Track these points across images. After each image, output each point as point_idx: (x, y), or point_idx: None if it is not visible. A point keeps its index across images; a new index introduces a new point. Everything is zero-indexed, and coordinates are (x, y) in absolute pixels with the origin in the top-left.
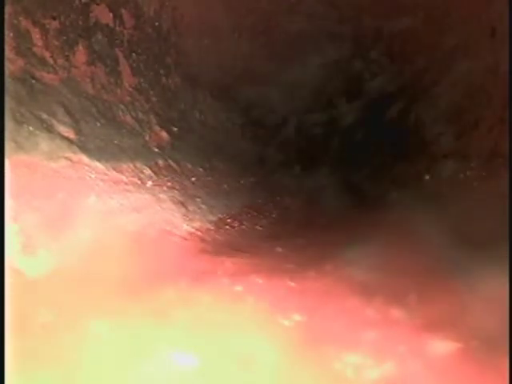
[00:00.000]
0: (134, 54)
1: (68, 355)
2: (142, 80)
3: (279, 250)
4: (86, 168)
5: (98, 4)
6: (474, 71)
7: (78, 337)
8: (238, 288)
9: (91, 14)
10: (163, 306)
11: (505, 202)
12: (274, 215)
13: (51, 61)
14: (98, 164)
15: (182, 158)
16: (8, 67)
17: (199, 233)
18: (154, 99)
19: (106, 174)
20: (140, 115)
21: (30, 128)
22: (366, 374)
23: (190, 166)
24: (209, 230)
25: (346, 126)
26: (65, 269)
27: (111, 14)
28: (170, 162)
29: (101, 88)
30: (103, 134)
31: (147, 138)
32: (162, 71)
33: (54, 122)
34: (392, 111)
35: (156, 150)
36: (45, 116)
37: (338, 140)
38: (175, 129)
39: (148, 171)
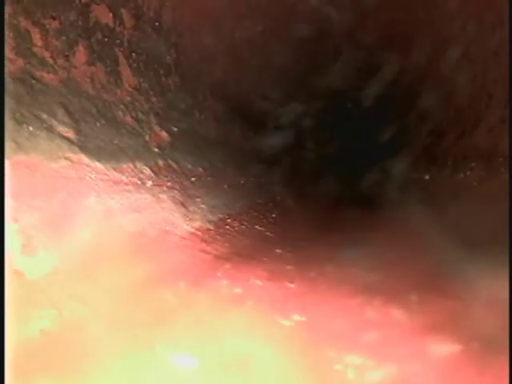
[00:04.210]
0: (133, 54)
1: (67, 356)
2: (141, 80)
3: (279, 251)
4: (86, 168)
5: (97, 4)
6: (474, 71)
7: (77, 338)
8: (238, 289)
9: (91, 14)
10: (163, 306)
11: (505, 202)
12: (273, 215)
13: (51, 61)
14: (98, 164)
15: (182, 158)
16: (8, 67)
17: (199, 233)
18: (153, 99)
19: (105, 174)
20: (140, 115)
21: (30, 128)
22: (366, 375)
23: (189, 166)
24: (209, 229)
25: (348, 128)
26: (65, 269)
27: (111, 14)
28: (170, 162)
29: (101, 88)
30: (103, 134)
31: (147, 138)
32: (161, 71)
33: (54, 122)
34: (392, 111)
35: (156, 149)
36: (45, 116)
37: (338, 143)
38: (175, 129)
39: (148, 171)
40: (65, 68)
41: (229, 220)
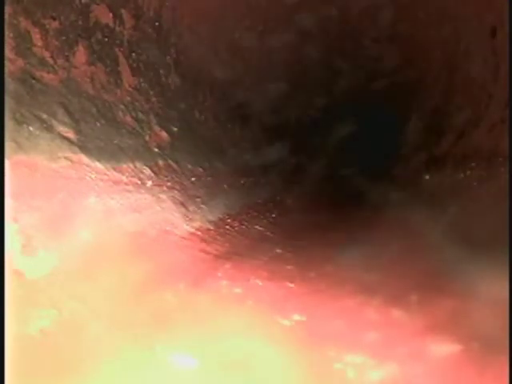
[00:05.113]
0: (133, 54)
1: (67, 356)
2: (141, 80)
3: (279, 251)
4: (86, 168)
5: (97, 4)
6: (474, 71)
7: (77, 338)
8: (238, 289)
9: (91, 14)
10: (163, 306)
11: (505, 202)
12: (273, 215)
13: (51, 61)
14: (98, 164)
15: (182, 158)
16: (8, 67)
17: (199, 233)
18: (153, 99)
19: (105, 174)
20: (140, 115)
21: (30, 128)
22: (366, 374)
23: (189, 166)
24: (209, 230)
25: (348, 129)
26: (65, 269)
27: (111, 14)
28: (170, 162)
29: (101, 88)
30: (103, 134)
31: (147, 138)
32: (161, 71)
33: (54, 122)
34: (392, 112)
35: (156, 150)
36: (45, 116)
37: (337, 143)
38: (175, 129)
39: (148, 171)
40: (65, 68)
41: (229, 220)
